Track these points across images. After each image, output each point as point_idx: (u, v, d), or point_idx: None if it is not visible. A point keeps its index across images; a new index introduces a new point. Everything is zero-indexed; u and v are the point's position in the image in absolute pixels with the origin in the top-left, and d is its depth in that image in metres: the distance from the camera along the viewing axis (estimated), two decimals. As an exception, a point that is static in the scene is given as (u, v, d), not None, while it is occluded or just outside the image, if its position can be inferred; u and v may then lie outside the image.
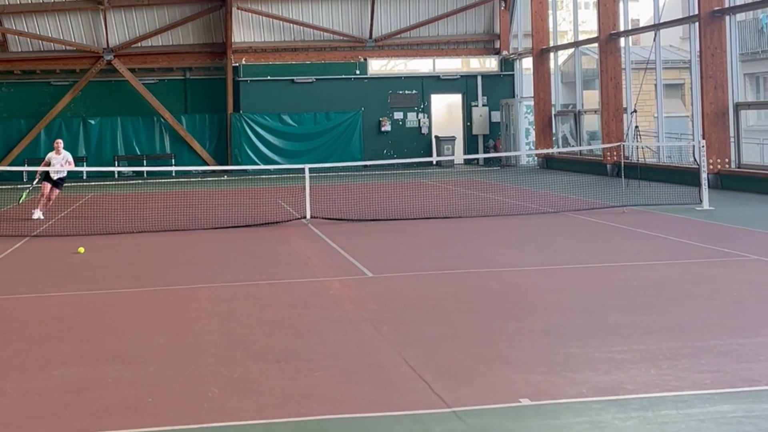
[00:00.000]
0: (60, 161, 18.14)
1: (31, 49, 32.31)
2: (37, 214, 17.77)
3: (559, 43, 30.80)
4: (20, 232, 15.53)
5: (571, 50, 30.45)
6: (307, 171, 16.94)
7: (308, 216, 16.32)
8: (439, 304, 8.80)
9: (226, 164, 31.33)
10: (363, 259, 11.70)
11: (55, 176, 18.13)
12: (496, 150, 32.69)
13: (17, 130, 31.59)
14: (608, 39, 25.76)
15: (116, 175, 30.96)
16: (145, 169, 29.86)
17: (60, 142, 18.83)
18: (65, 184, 19.07)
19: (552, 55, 30.34)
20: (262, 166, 30.00)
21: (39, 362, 6.99)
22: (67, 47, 32.14)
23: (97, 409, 5.77)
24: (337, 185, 23.07)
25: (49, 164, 18.23)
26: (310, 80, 32.83)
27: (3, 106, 32.16)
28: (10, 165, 30.05)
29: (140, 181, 29.53)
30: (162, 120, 32.14)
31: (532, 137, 31.67)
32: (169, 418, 5.56)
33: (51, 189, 18.20)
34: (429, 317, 8.20)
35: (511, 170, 29.75)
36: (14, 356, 7.20)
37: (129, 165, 31.68)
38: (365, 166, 29.93)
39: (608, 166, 25.49)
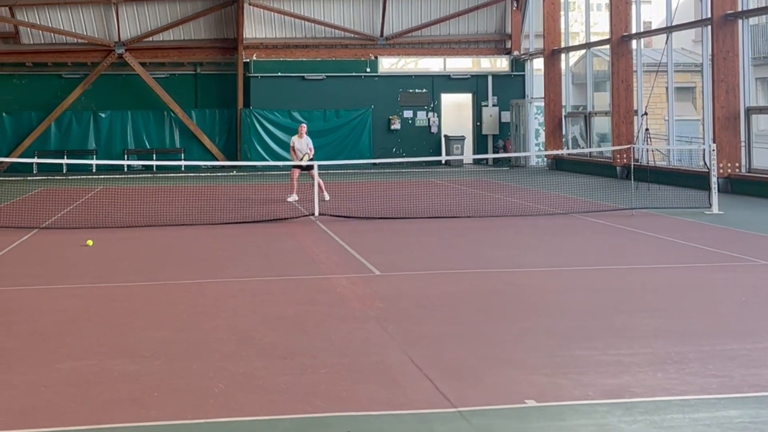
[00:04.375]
0: (304, 146, 19.45)
1: (43, 42, 32.36)
2: (291, 197, 19.13)
3: (570, 44, 30.73)
4: (29, 224, 15.56)
5: (583, 52, 30.37)
6: (316, 168, 16.96)
7: (316, 213, 16.33)
8: (445, 303, 8.78)
9: (236, 160, 31.37)
10: (370, 257, 11.69)
11: (301, 160, 19.34)
12: (505, 150, 32.64)
13: (28, 122, 31.66)
14: (620, 41, 25.69)
15: (125, 169, 31.00)
16: (154, 163, 29.89)
17: (304, 127, 20.09)
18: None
19: (563, 56, 30.27)
20: (271, 162, 30.01)
21: (45, 355, 7.00)
22: (79, 40, 32.20)
23: (102, 402, 5.77)
24: (345, 183, 23.06)
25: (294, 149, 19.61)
26: (321, 77, 32.84)
27: (14, 98, 32.22)
28: (20, 157, 30.09)
29: (149, 175, 29.53)
30: (172, 114, 32.18)
31: (542, 138, 31.62)
32: (175, 413, 5.56)
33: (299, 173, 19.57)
34: (435, 316, 8.19)
35: (520, 171, 29.70)
36: (21, 348, 7.22)
37: (138, 159, 31.73)
38: (374, 164, 29.92)
39: (618, 168, 25.43)
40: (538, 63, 32.23)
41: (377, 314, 8.28)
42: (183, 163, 29.91)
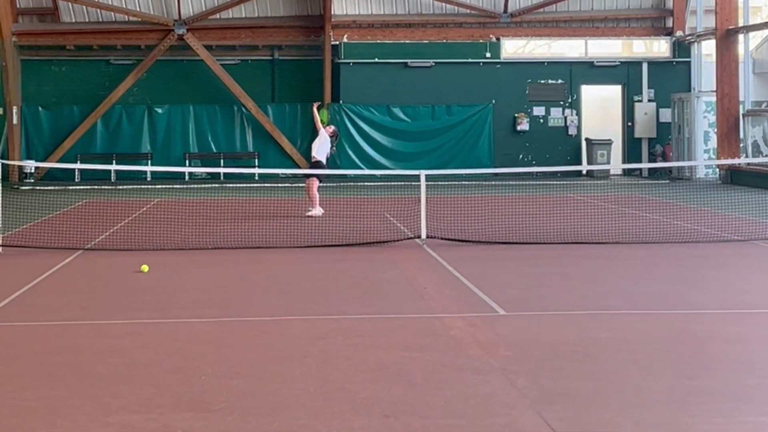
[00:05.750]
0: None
1: (87, 20, 33.24)
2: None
3: (751, 22, 30.24)
4: (73, 244, 16.02)
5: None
6: (423, 178, 17.04)
7: (424, 235, 16.40)
8: (589, 352, 8.76)
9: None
10: (493, 293, 11.71)
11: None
12: (664, 158, 32.25)
13: (69, 119, 32.46)
14: (816, 18, 25.21)
15: (187, 177, 31.58)
16: (222, 170, 30.38)
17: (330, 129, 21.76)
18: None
19: (742, 37, 29.80)
20: (367, 171, 30.23)
21: (93, 405, 7.22)
22: (131, 18, 32.99)
23: (165, 466, 5.93)
24: (460, 197, 23.12)
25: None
26: (428, 64, 32.99)
27: (52, 89, 33.12)
28: (59, 161, 30.95)
29: (216, 185, 30.10)
30: (244, 110, 32.69)
31: (713, 143, 31.14)
32: (253, 481, 5.68)
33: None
34: (577, 369, 8.18)
35: (685, 185, 29.31)
36: (64, 397, 7.45)
37: (203, 165, 32.33)
38: (496, 174, 29.89)
39: (813, 182, 24.90)
40: (709, 47, 31.78)
41: (503, 364, 8.30)
42: (257, 170, 30.36)
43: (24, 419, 6.91)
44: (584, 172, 32.51)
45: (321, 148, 20.97)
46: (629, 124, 33.44)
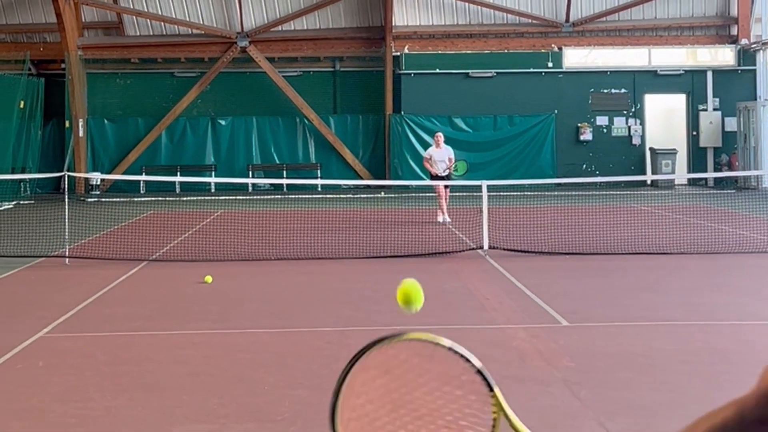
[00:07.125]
0: (444, 156, 21.83)
1: (151, 33, 33.69)
2: (442, 217, 21.45)
3: (817, 29, 29.92)
4: (137, 255, 16.22)
5: (834, 39, 29.55)
6: (484, 189, 17.04)
7: (486, 246, 16.39)
8: (653, 363, 8.71)
9: (384, 178, 31.73)
10: (555, 303, 11.69)
11: (443, 172, 21.72)
12: (730, 168, 31.95)
13: (134, 131, 32.92)
14: None
15: (250, 188, 31.80)
16: (285, 181, 30.58)
17: (440, 136, 22.36)
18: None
19: (808, 44, 29.51)
20: (429, 182, 30.25)
21: (157, 415, 7.30)
22: (194, 31, 33.35)
23: (228, 475, 5.99)
24: (522, 208, 23.06)
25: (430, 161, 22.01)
26: (490, 74, 32.97)
27: (117, 102, 33.59)
28: (125, 173, 31.36)
29: (279, 196, 30.27)
30: (306, 121, 32.88)
31: (780, 152, 30.85)
32: (315, 492, 5.71)
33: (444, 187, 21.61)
34: (640, 380, 8.13)
35: (751, 194, 28.98)
36: (128, 407, 7.55)
37: (266, 176, 32.54)
38: (558, 184, 29.79)
39: None
40: (775, 54, 31.48)
41: (566, 375, 8.28)
42: (319, 182, 30.52)
43: (89, 429, 7.01)
44: (649, 182, 32.30)
45: (433, 161, 21.80)
46: (694, 133, 33.20)
